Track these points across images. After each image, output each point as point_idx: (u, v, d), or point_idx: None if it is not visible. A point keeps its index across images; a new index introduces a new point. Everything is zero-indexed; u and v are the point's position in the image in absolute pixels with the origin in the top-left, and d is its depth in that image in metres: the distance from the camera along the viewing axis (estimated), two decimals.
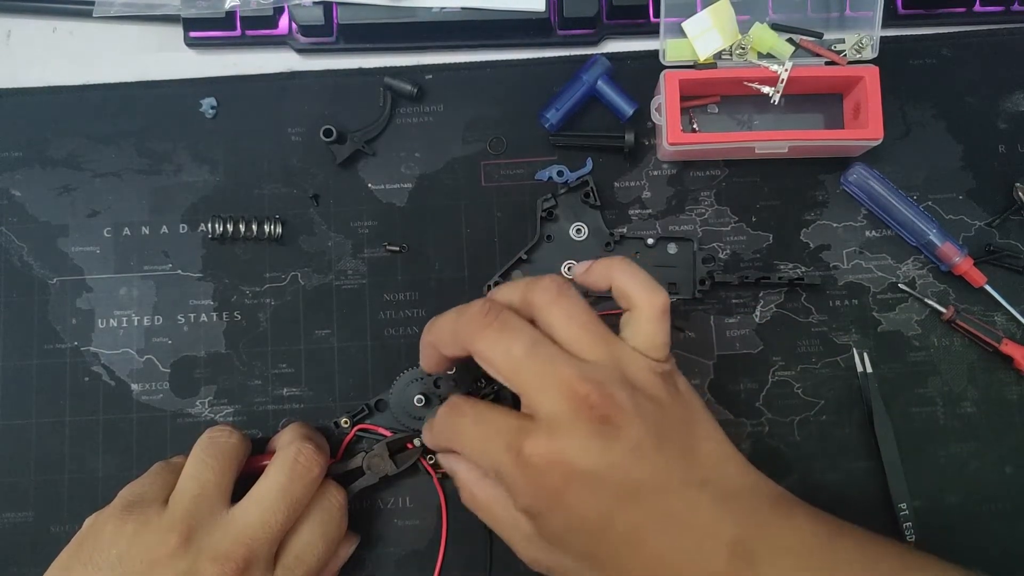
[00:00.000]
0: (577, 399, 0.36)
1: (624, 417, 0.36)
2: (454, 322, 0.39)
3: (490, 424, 0.38)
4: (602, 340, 0.38)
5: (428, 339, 0.41)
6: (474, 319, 0.38)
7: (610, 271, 0.40)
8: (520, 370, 0.37)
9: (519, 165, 0.50)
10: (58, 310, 0.50)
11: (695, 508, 0.36)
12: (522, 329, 0.38)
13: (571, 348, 0.38)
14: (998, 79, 0.50)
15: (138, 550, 0.39)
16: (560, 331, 0.38)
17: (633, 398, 0.36)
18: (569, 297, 0.38)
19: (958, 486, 0.47)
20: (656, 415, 0.37)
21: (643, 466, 0.36)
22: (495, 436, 0.37)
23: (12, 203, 0.50)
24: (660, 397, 0.37)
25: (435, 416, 0.42)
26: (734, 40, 0.47)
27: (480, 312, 0.38)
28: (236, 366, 0.49)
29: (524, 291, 0.39)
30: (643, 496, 0.36)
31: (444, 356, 0.41)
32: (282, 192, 0.50)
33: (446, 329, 0.40)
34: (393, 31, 0.51)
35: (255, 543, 0.40)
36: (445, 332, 0.40)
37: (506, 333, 0.38)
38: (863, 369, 0.48)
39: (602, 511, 0.36)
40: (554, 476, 0.36)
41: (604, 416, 0.36)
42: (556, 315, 0.38)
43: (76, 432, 0.49)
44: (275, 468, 0.42)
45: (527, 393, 0.37)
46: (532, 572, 0.47)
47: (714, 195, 0.50)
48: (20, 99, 0.51)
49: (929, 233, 0.47)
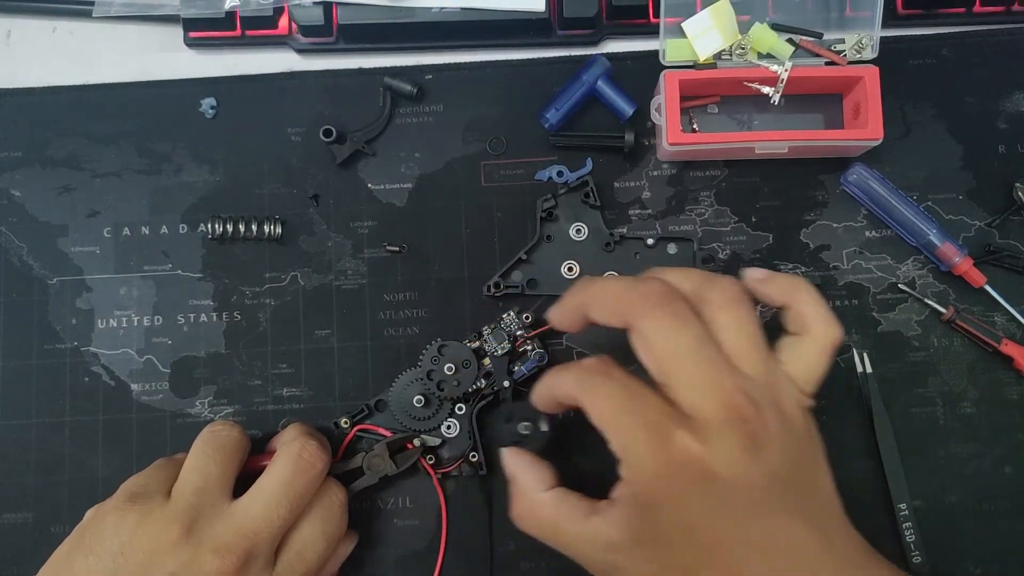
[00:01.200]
0: (733, 409, 0.35)
1: (769, 440, 0.36)
2: (621, 293, 0.38)
3: (640, 398, 0.37)
4: (765, 359, 0.37)
5: (579, 299, 0.40)
6: (648, 297, 0.37)
7: (795, 290, 0.39)
8: (681, 363, 0.36)
9: (519, 165, 0.50)
10: (58, 310, 0.50)
11: (803, 547, 0.36)
12: (693, 322, 0.37)
13: (734, 356, 0.37)
14: (998, 79, 0.50)
15: (140, 541, 0.39)
16: (728, 337, 0.37)
17: (781, 425, 0.36)
18: (745, 305, 0.38)
19: (958, 486, 0.47)
20: (794, 448, 0.37)
21: (772, 492, 0.36)
22: (642, 410, 0.36)
23: (12, 203, 0.50)
24: (800, 431, 0.37)
25: (566, 364, 0.40)
26: (734, 40, 0.47)
27: (656, 292, 0.37)
28: (236, 366, 0.49)
29: (700, 284, 0.38)
30: (762, 520, 0.35)
31: (587, 319, 0.40)
32: (282, 192, 0.50)
33: (610, 296, 0.38)
34: (393, 31, 0.51)
35: (257, 537, 0.40)
36: (608, 298, 0.38)
37: (678, 321, 0.36)
38: (863, 369, 0.48)
39: (719, 522, 0.35)
40: (690, 474, 0.35)
41: (753, 434, 0.35)
42: (729, 319, 0.37)
43: (76, 432, 0.49)
44: (279, 463, 0.42)
45: (681, 387, 0.36)
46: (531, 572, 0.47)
47: (714, 195, 0.50)
48: (20, 99, 0.51)
49: (929, 233, 0.47)
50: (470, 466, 0.47)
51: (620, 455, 0.37)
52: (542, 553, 0.47)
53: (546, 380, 0.41)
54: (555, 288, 0.49)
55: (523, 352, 0.48)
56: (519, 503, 0.40)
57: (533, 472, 0.41)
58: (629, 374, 0.38)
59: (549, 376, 0.40)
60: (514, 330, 0.48)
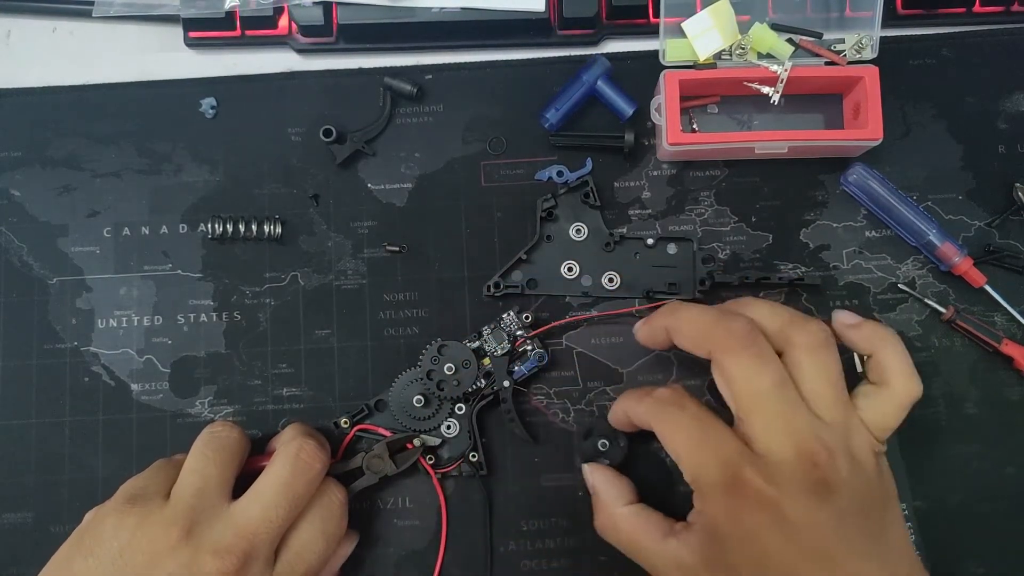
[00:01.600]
0: (806, 453, 0.37)
1: (840, 484, 0.37)
2: (709, 326, 0.40)
3: (712, 432, 0.38)
4: (842, 405, 0.39)
5: (667, 322, 0.42)
6: (734, 335, 0.39)
7: (881, 341, 0.41)
8: (759, 403, 0.38)
9: (519, 165, 0.50)
10: (58, 310, 0.50)
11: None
12: (775, 364, 0.39)
13: (811, 400, 0.39)
14: (998, 79, 0.50)
15: (140, 543, 0.39)
16: (808, 381, 0.39)
17: (852, 469, 0.37)
18: (830, 351, 0.40)
19: (959, 486, 0.47)
20: (864, 491, 0.38)
21: (840, 535, 0.37)
22: (715, 445, 0.38)
23: (12, 203, 0.50)
24: (871, 476, 0.38)
25: (641, 391, 0.42)
26: (734, 40, 0.47)
27: (742, 331, 0.39)
28: (236, 366, 0.49)
29: (786, 325, 0.40)
30: (829, 563, 0.36)
31: (670, 343, 0.42)
32: (282, 192, 0.50)
33: (697, 326, 0.40)
34: (393, 31, 0.51)
35: (256, 537, 0.40)
36: (694, 328, 0.40)
37: (760, 362, 0.38)
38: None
39: (788, 563, 0.36)
40: (760, 513, 0.37)
41: (823, 479, 0.37)
42: (811, 364, 0.39)
43: (76, 432, 0.49)
44: (277, 463, 0.42)
45: (756, 426, 0.38)
46: (531, 572, 0.47)
47: (714, 195, 0.50)
48: (20, 99, 0.51)
49: (929, 233, 0.47)
50: (470, 466, 0.47)
51: (692, 485, 0.39)
52: (542, 553, 0.47)
53: (620, 404, 0.44)
54: (555, 288, 0.49)
55: (523, 352, 0.48)
56: (601, 516, 0.43)
57: (614, 487, 0.44)
58: (702, 406, 0.40)
59: (623, 400, 0.43)
60: (514, 330, 0.48)
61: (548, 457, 0.48)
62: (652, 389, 0.42)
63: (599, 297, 0.49)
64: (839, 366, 0.40)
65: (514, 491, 0.48)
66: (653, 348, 0.43)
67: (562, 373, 0.49)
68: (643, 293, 0.49)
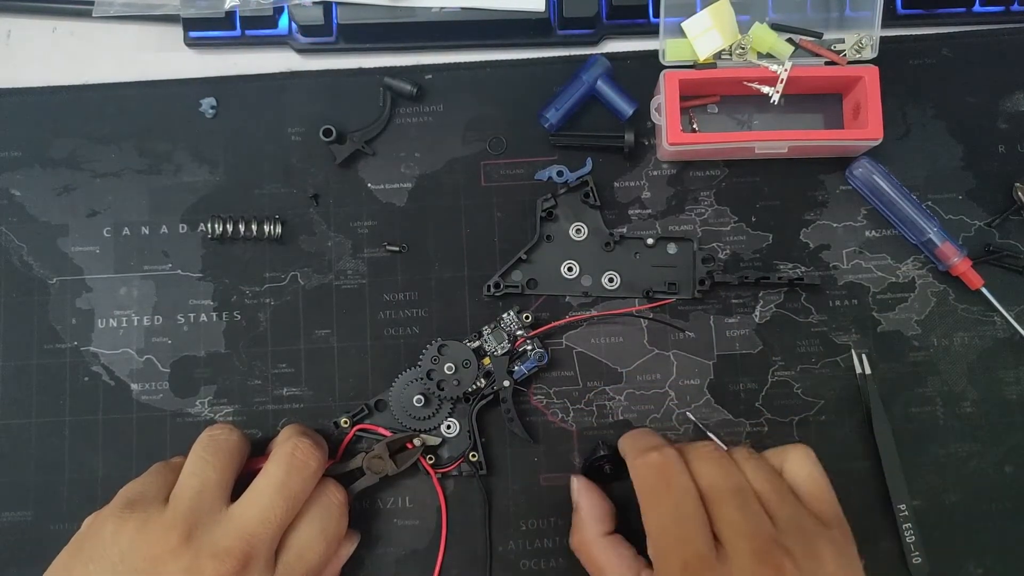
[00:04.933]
0: (765, 557, 0.38)
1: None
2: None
3: (686, 526, 0.39)
4: (792, 503, 0.41)
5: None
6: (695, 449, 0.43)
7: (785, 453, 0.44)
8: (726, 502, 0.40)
9: (519, 165, 0.50)
10: (58, 310, 0.50)
11: None
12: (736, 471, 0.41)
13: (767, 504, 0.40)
14: (998, 79, 0.50)
15: (139, 548, 0.39)
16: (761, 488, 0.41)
17: (810, 564, 0.38)
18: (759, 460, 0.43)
19: (958, 486, 0.47)
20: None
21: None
22: (683, 540, 0.39)
23: (12, 203, 0.50)
24: (829, 567, 0.39)
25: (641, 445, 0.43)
26: (734, 40, 0.47)
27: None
28: (236, 366, 0.49)
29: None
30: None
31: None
32: (282, 192, 0.50)
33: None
34: (393, 31, 0.51)
35: (255, 539, 0.40)
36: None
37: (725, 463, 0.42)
38: (862, 370, 0.48)
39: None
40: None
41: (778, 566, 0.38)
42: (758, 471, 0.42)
43: (76, 432, 0.49)
44: (272, 464, 0.42)
45: (723, 525, 0.39)
46: (531, 571, 0.47)
47: (714, 195, 0.50)
48: (20, 99, 0.51)
49: (930, 231, 0.47)
50: (470, 466, 0.47)
51: (653, 559, 0.40)
52: (542, 553, 0.47)
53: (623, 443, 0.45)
54: (555, 288, 0.49)
55: (523, 352, 0.48)
56: (578, 535, 0.44)
57: (597, 509, 0.44)
58: (688, 486, 0.40)
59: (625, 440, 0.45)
60: (514, 330, 0.48)
61: (548, 457, 0.48)
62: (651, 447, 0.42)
63: (599, 297, 0.49)
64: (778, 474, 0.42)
65: (514, 491, 0.48)
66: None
67: (562, 373, 0.49)
68: (643, 293, 0.49)
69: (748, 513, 0.39)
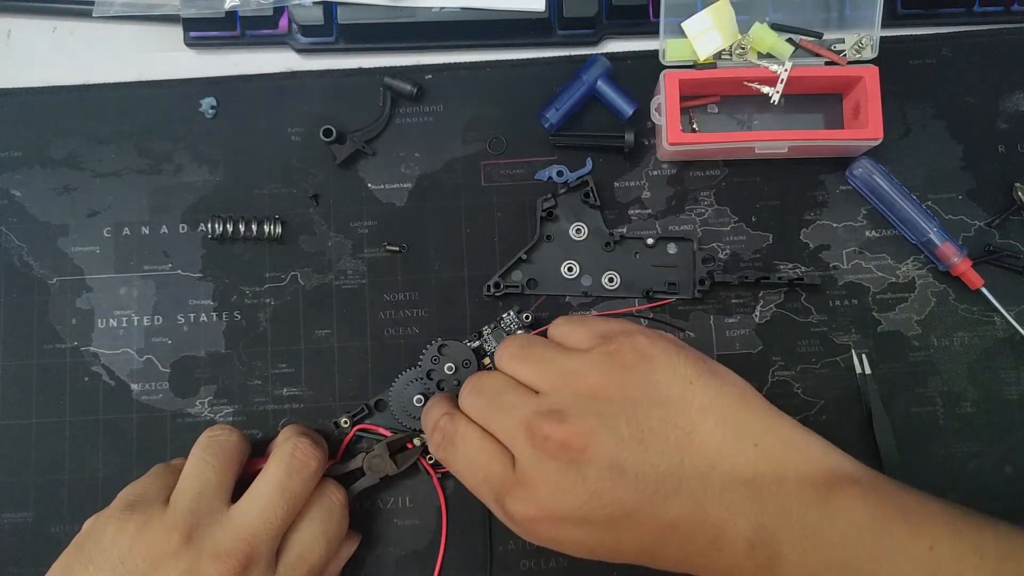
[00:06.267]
0: (536, 438, 0.36)
1: (585, 437, 0.35)
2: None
3: (477, 470, 0.39)
4: (545, 364, 0.39)
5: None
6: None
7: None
8: (489, 422, 0.39)
9: (519, 165, 0.50)
10: (58, 310, 0.50)
11: (699, 504, 0.35)
12: (484, 386, 0.40)
13: (533, 387, 0.39)
14: (998, 79, 0.50)
15: (140, 550, 0.39)
16: (521, 377, 0.40)
17: (590, 408, 0.36)
18: (513, 342, 0.41)
19: (958, 486, 0.47)
20: (625, 413, 0.36)
21: (626, 482, 0.35)
22: (483, 484, 0.38)
23: (12, 203, 0.50)
24: (618, 390, 0.36)
25: (439, 410, 0.42)
26: (734, 40, 0.47)
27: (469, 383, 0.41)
28: (236, 366, 0.49)
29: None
30: (637, 514, 0.35)
31: None
32: (282, 192, 0.50)
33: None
34: (393, 31, 0.51)
35: (256, 540, 0.40)
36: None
37: (474, 391, 0.41)
38: (862, 371, 0.48)
39: (602, 542, 0.36)
40: (542, 527, 0.37)
41: (564, 444, 0.35)
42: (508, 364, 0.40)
43: (76, 432, 0.49)
44: (272, 464, 0.42)
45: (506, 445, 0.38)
46: (531, 571, 0.47)
47: (714, 195, 0.50)
48: (20, 99, 0.51)
49: (930, 231, 0.47)
50: None
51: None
52: (542, 553, 0.47)
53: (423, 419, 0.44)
54: (555, 288, 0.49)
55: None
56: (446, 443, 0.41)
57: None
58: (470, 439, 0.39)
59: (423, 415, 0.44)
60: (514, 330, 0.48)
61: None
62: (431, 428, 0.41)
63: (599, 297, 0.49)
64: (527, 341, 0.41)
65: None
66: None
67: None
68: (643, 293, 0.49)
69: (507, 410, 0.38)
